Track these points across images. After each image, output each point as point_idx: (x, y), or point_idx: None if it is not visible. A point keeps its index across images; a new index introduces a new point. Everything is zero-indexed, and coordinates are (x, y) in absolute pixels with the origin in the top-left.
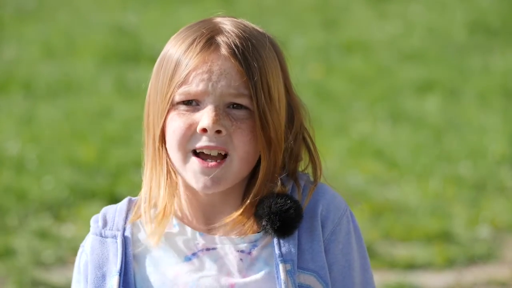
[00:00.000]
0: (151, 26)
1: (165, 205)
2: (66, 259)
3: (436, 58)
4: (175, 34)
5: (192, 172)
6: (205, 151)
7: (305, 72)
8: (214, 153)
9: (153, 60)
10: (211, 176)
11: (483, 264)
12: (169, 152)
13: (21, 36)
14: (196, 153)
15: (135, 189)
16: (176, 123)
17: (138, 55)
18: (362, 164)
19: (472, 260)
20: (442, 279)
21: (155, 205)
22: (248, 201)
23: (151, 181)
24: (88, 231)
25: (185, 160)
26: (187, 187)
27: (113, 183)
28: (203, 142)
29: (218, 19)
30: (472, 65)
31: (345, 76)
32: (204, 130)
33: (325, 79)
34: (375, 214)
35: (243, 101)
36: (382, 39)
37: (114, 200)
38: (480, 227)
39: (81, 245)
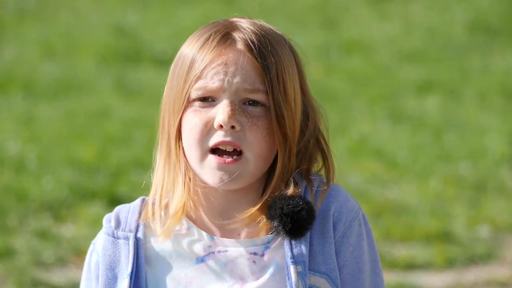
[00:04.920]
0: (151, 26)
1: (184, 202)
2: (66, 259)
3: (436, 58)
4: (190, 36)
5: (209, 168)
6: (221, 147)
7: (305, 72)
8: (229, 148)
9: (153, 60)
10: (228, 171)
11: (483, 264)
12: (185, 150)
13: (21, 36)
14: (212, 151)
15: (135, 189)
16: (192, 121)
17: (138, 55)
18: (362, 164)
19: (472, 260)
20: (442, 279)
21: (166, 207)
22: (266, 197)
23: (164, 181)
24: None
25: (202, 157)
26: (204, 185)
27: (113, 183)
28: (218, 137)
29: (234, 19)
30: (472, 65)
31: (345, 76)
32: (221, 126)
33: (325, 79)
34: (375, 214)
35: (259, 97)
36: (382, 39)
37: (114, 200)
38: (480, 227)
39: (92, 242)
